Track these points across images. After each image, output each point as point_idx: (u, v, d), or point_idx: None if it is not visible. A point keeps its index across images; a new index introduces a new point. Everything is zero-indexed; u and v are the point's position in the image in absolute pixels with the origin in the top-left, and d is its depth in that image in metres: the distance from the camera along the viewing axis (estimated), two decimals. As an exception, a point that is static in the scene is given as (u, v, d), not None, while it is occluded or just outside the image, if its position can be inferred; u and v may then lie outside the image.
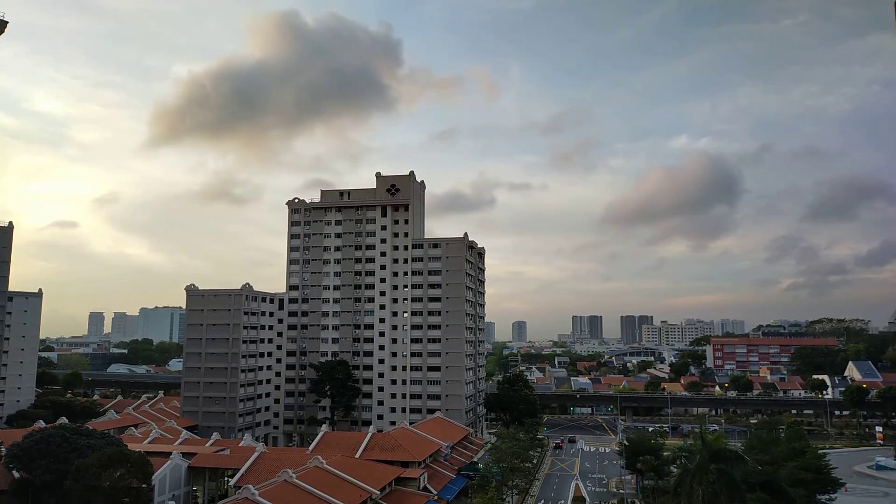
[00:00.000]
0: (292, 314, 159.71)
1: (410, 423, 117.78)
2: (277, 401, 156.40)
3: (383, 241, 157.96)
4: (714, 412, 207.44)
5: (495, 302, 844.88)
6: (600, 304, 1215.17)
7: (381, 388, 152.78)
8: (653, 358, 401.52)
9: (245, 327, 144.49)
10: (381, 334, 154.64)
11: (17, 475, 79.60)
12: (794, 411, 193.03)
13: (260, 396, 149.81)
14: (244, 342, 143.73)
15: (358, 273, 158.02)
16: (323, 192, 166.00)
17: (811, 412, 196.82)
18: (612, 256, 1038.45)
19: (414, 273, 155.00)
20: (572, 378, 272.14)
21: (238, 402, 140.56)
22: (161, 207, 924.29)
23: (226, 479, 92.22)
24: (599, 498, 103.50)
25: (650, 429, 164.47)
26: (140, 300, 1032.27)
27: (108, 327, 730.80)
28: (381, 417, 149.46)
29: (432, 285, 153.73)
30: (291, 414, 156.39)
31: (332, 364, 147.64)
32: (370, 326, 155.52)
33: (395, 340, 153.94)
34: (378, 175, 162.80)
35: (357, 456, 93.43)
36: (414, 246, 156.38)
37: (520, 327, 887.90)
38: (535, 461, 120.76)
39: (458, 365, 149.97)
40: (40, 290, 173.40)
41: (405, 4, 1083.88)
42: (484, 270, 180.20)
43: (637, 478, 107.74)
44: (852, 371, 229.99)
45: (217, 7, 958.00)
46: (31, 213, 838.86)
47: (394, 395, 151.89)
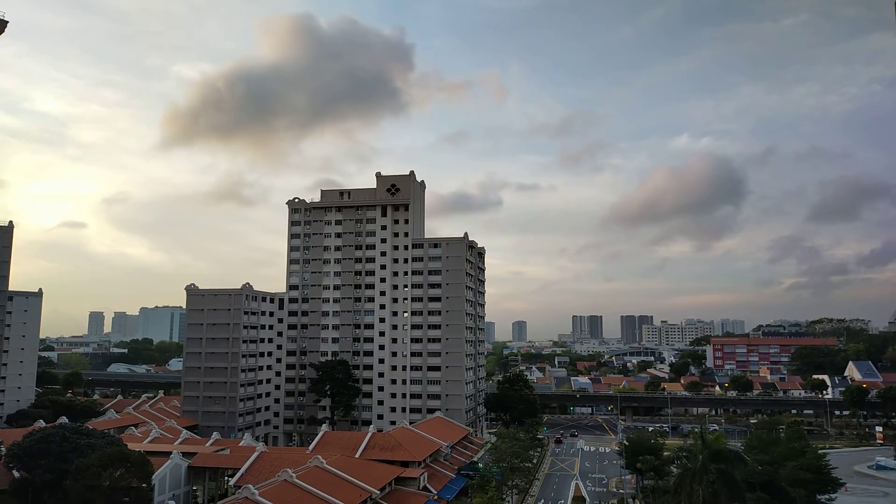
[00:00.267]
0: (292, 314, 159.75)
1: (410, 423, 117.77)
2: (277, 400, 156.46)
3: (383, 240, 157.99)
4: (714, 412, 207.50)
5: (495, 302, 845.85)
6: (600, 304, 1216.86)
7: (381, 388, 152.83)
8: (653, 358, 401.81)
9: (245, 327, 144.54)
10: (381, 334, 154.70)
11: (17, 475, 79.62)
12: (794, 411, 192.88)
13: (260, 396, 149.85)
14: (244, 342, 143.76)
15: (358, 273, 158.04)
16: (323, 192, 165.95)
17: (811, 412, 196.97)
18: (614, 256, 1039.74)
19: (414, 273, 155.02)
20: (572, 378, 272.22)
21: (238, 402, 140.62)
22: (162, 207, 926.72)
23: (226, 478, 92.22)
24: (599, 498, 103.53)
25: (650, 429, 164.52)
26: (140, 300, 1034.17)
27: (108, 327, 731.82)
28: (381, 417, 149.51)
29: (432, 285, 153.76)
30: (291, 414, 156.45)
31: (332, 364, 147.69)
32: (370, 326, 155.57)
33: (395, 340, 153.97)
34: (378, 175, 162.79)
35: (357, 456, 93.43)
36: (414, 246, 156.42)
37: (520, 327, 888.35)
38: (534, 461, 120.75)
39: (458, 365, 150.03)
40: (40, 289, 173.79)
41: (406, 4, 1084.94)
42: (484, 270, 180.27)
43: (637, 478, 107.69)
44: (852, 371, 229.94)
45: (218, 6, 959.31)
46: (30, 213, 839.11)
47: (394, 395, 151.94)
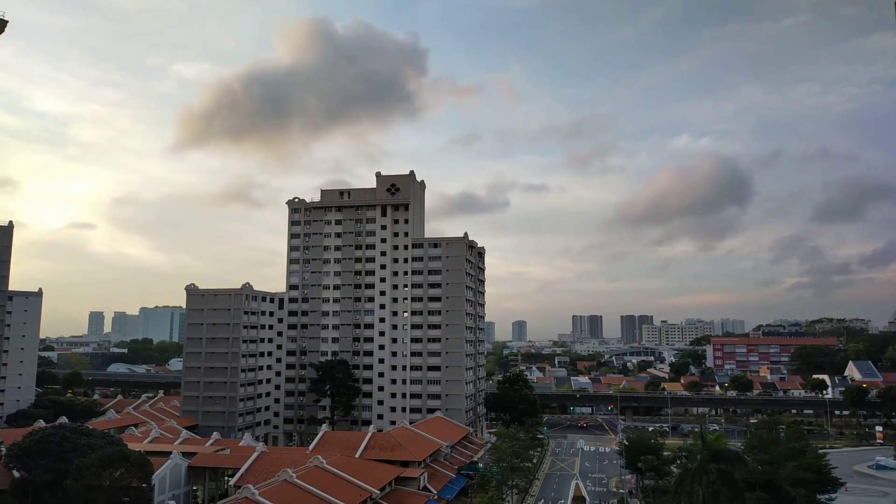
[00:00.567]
0: (292, 314, 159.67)
1: (410, 423, 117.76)
2: (277, 400, 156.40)
3: (383, 240, 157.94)
4: (714, 412, 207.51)
5: (496, 302, 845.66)
6: (600, 304, 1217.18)
7: (381, 388, 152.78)
8: (653, 358, 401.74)
9: (245, 327, 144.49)
10: (381, 334, 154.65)
11: (17, 475, 79.61)
12: (794, 411, 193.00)
13: (260, 396, 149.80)
14: (244, 342, 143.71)
15: (358, 273, 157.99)
16: (323, 192, 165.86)
17: (811, 412, 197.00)
18: (617, 256, 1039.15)
19: (414, 273, 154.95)
20: (572, 378, 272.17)
21: (238, 402, 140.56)
22: (163, 207, 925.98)
23: (226, 478, 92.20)
24: (599, 497, 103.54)
25: (650, 428, 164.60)
26: (140, 300, 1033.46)
27: (108, 327, 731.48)
28: (381, 417, 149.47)
29: (432, 285, 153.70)
30: (291, 414, 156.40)
31: (332, 364, 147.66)
32: (370, 326, 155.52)
33: (395, 340, 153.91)
34: (378, 175, 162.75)
35: (357, 456, 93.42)
36: (414, 245, 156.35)
37: (520, 327, 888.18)
38: (534, 461, 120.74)
39: (458, 364, 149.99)
40: (40, 289, 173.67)
41: (405, 3, 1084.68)
42: (484, 270, 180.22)
43: (637, 477, 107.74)
44: (852, 371, 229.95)
45: (218, 5, 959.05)
46: (29, 213, 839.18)
47: (394, 395, 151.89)
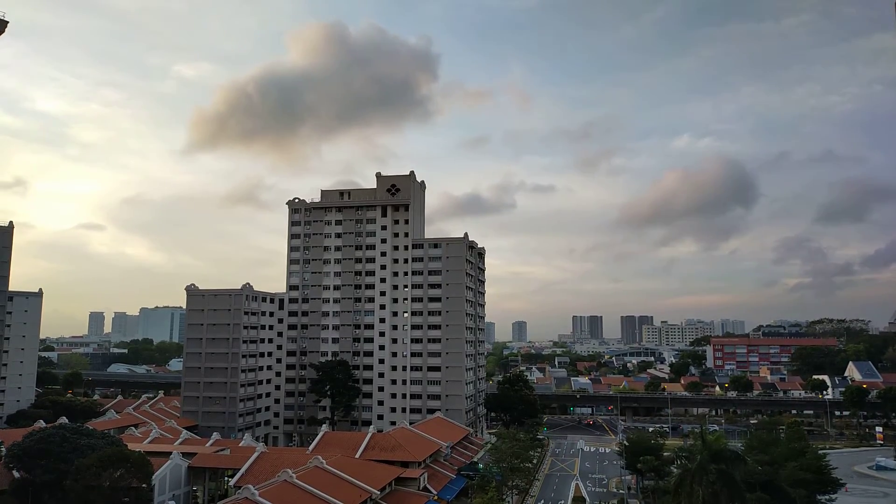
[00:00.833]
0: (292, 314, 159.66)
1: (410, 423, 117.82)
2: (277, 401, 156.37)
3: (383, 241, 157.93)
4: (714, 412, 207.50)
5: (496, 302, 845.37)
6: (601, 305, 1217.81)
7: (381, 388, 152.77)
8: (653, 358, 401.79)
9: (245, 327, 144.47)
10: (381, 334, 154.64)
11: (17, 475, 79.62)
12: (794, 411, 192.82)
13: (260, 396, 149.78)
14: (244, 342, 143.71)
15: (358, 273, 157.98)
16: (323, 192, 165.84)
17: (811, 412, 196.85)
18: (620, 257, 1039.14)
19: (414, 273, 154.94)
20: (572, 378, 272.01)
21: (238, 402, 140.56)
22: (163, 208, 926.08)
23: (226, 479, 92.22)
24: (599, 498, 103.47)
25: (650, 429, 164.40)
26: (140, 300, 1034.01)
27: (108, 327, 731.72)
28: (381, 417, 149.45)
29: (432, 285, 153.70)
30: (291, 414, 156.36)
31: (332, 364, 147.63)
32: (370, 326, 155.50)
33: (395, 340, 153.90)
34: (378, 175, 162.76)
35: (357, 456, 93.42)
36: (414, 246, 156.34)
37: (520, 327, 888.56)
38: (535, 461, 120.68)
39: (458, 365, 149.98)
40: (40, 289, 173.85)
41: (405, 3, 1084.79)
42: (484, 270, 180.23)
43: (637, 478, 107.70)
44: (852, 371, 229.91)
45: (219, 5, 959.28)
46: (29, 214, 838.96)
47: (394, 395, 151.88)
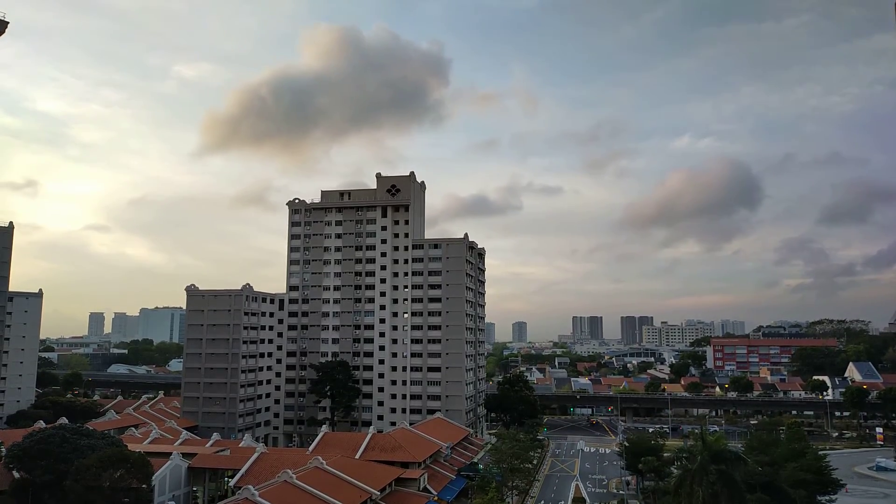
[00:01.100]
0: (292, 314, 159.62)
1: (410, 424, 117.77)
2: (277, 401, 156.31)
3: (383, 241, 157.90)
4: (714, 413, 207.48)
5: (496, 302, 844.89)
6: (601, 305, 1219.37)
7: (381, 389, 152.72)
8: (653, 359, 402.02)
9: (245, 327, 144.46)
10: (381, 334, 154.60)
11: (17, 475, 79.58)
12: (794, 412, 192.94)
13: (260, 397, 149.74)
14: (244, 342, 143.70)
15: (358, 273, 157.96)
16: (323, 193, 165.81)
17: (811, 413, 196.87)
18: (623, 258, 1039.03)
19: (414, 273, 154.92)
20: (572, 379, 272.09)
21: (238, 403, 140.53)
22: (164, 208, 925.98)
23: (226, 479, 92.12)
24: (599, 499, 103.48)
25: (650, 430, 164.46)
26: (140, 300, 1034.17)
27: (108, 327, 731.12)
28: (381, 418, 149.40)
29: (432, 286, 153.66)
30: (291, 414, 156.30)
31: (332, 364, 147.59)
32: (370, 327, 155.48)
33: (395, 341, 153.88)
34: (378, 175, 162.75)
35: (357, 456, 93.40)
36: (414, 246, 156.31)
37: (520, 328, 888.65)
38: (535, 462, 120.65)
39: (458, 365, 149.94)
40: (41, 290, 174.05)
41: (405, 3, 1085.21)
42: (484, 271, 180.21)
43: (637, 479, 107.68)
44: (853, 372, 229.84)
45: (219, 5, 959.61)
46: (29, 214, 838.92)
47: (394, 396, 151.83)
